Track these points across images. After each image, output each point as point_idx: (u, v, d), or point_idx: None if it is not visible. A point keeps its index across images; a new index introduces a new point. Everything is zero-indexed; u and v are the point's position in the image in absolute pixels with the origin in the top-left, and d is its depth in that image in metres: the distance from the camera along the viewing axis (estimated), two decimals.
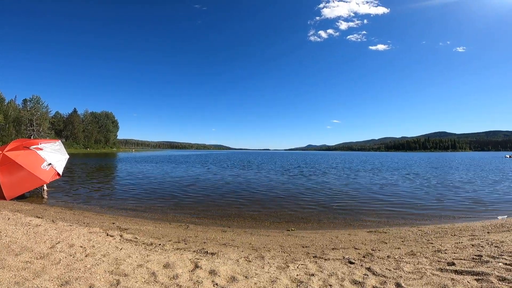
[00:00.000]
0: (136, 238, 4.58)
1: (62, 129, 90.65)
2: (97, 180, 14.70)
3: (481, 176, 16.65)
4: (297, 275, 2.88)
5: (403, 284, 2.47)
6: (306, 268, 3.10)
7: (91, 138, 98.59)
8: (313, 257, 3.66)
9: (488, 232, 5.04)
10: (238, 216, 7.17)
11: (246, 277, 2.85)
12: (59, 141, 10.06)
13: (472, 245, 4.02)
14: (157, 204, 8.53)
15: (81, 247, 3.78)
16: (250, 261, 3.42)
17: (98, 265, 3.12)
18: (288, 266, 3.16)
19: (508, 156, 65.79)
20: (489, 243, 4.04)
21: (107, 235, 4.64)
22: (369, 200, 9.21)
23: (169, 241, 4.54)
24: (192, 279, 2.79)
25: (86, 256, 3.42)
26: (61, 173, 9.54)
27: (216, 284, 2.70)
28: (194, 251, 3.88)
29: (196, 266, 3.13)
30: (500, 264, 2.91)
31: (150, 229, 5.50)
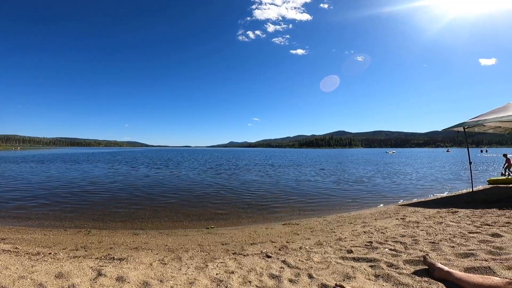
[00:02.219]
0: (16, 248, 3.69)
1: None
2: None
3: (371, 169, 19.98)
4: (216, 274, 2.80)
5: (314, 275, 2.68)
6: (226, 266, 3.05)
7: None
8: (233, 254, 3.65)
9: (375, 219, 6.06)
10: (153, 217, 6.63)
11: (161, 281, 2.61)
12: None
13: (364, 232, 4.74)
14: (47, 210, 7.16)
15: None
16: (165, 263, 3.16)
17: None
18: (207, 266, 3.05)
19: (390, 152, 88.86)
20: (377, 229, 4.86)
21: None
22: (286, 194, 9.91)
23: (63, 249, 3.82)
24: None
25: None
26: None
27: None
28: (97, 258, 3.34)
29: (100, 274, 2.69)
30: (386, 250, 3.47)
31: (37, 238, 4.53)
